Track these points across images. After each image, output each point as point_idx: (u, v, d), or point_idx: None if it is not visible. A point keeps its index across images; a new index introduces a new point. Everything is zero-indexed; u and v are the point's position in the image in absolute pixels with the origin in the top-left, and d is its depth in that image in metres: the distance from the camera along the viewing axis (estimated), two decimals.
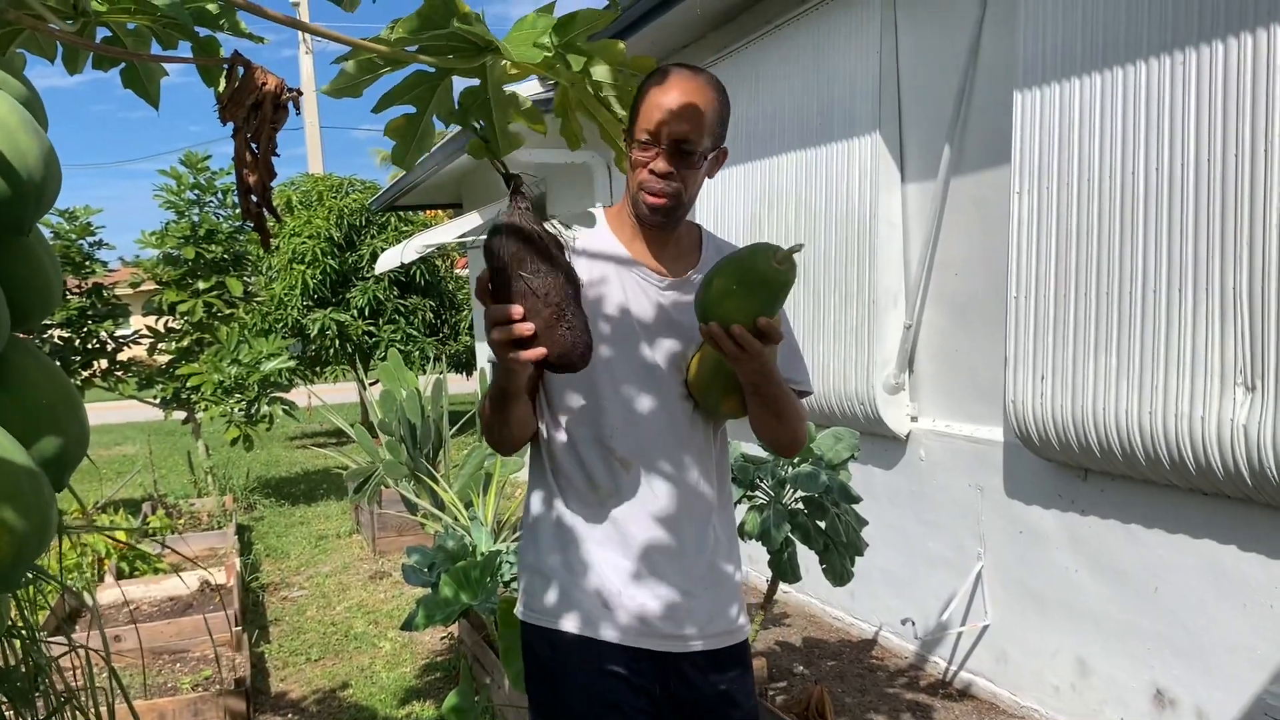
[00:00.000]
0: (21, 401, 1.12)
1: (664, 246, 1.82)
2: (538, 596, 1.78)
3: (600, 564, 1.72)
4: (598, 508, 1.74)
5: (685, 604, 1.75)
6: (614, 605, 1.72)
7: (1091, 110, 3.03)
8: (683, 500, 1.75)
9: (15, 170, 1.04)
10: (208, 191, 8.26)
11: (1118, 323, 2.96)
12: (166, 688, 4.21)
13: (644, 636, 1.73)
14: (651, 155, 1.69)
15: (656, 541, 1.74)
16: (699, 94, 1.70)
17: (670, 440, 1.75)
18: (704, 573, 1.77)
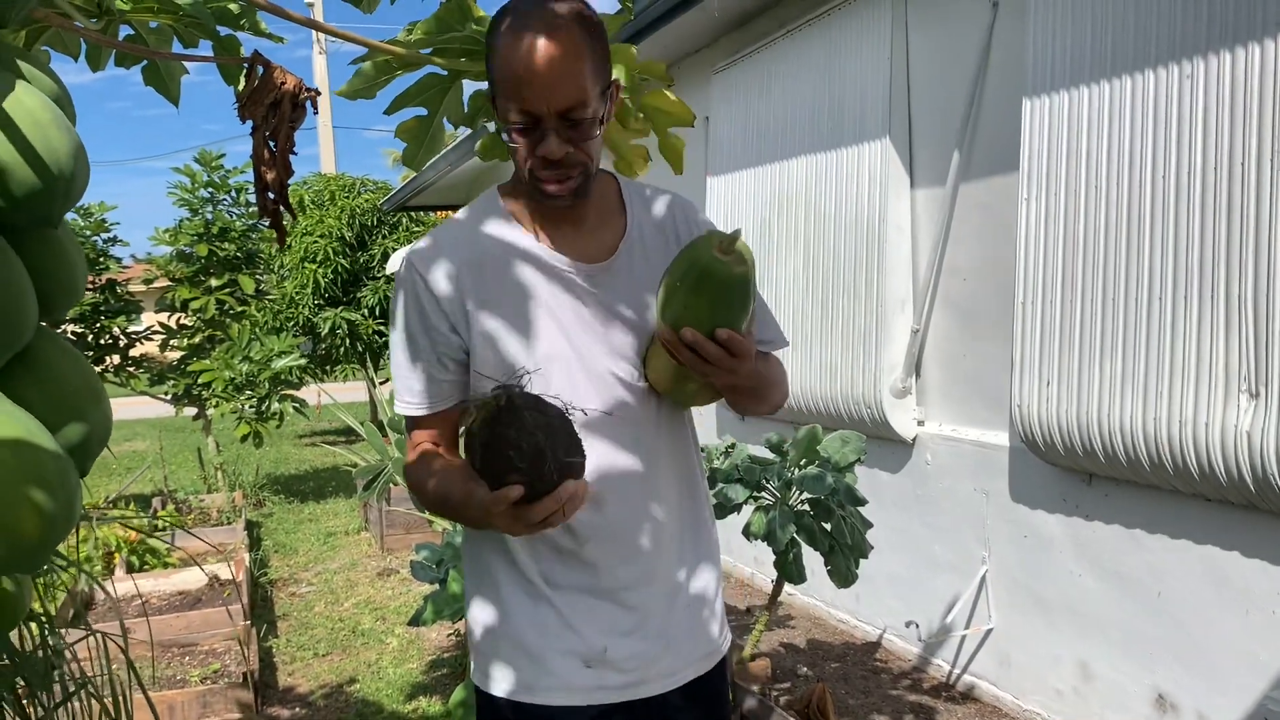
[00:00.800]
0: (48, 389, 1.15)
1: (580, 222, 1.52)
2: (510, 663, 1.52)
3: (582, 618, 1.49)
4: (573, 554, 1.49)
5: (676, 634, 1.55)
6: (595, 662, 1.49)
7: (1100, 118, 3.06)
8: (669, 518, 1.54)
9: (46, 165, 1.08)
10: (221, 189, 8.33)
11: (1123, 329, 2.98)
12: (175, 680, 4.25)
13: (626, 689, 1.52)
14: (535, 139, 1.38)
15: (644, 578, 1.52)
16: (569, 41, 1.34)
17: (644, 456, 1.51)
18: (690, 591, 1.58)
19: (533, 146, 1.38)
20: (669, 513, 1.54)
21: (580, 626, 1.49)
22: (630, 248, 1.53)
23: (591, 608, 1.50)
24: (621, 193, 1.59)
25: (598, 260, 1.51)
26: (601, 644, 1.49)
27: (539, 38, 1.33)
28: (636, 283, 1.52)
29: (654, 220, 1.58)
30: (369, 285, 12.42)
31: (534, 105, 1.34)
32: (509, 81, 1.35)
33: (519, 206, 1.53)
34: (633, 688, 1.52)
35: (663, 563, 1.53)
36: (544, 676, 1.49)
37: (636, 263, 1.53)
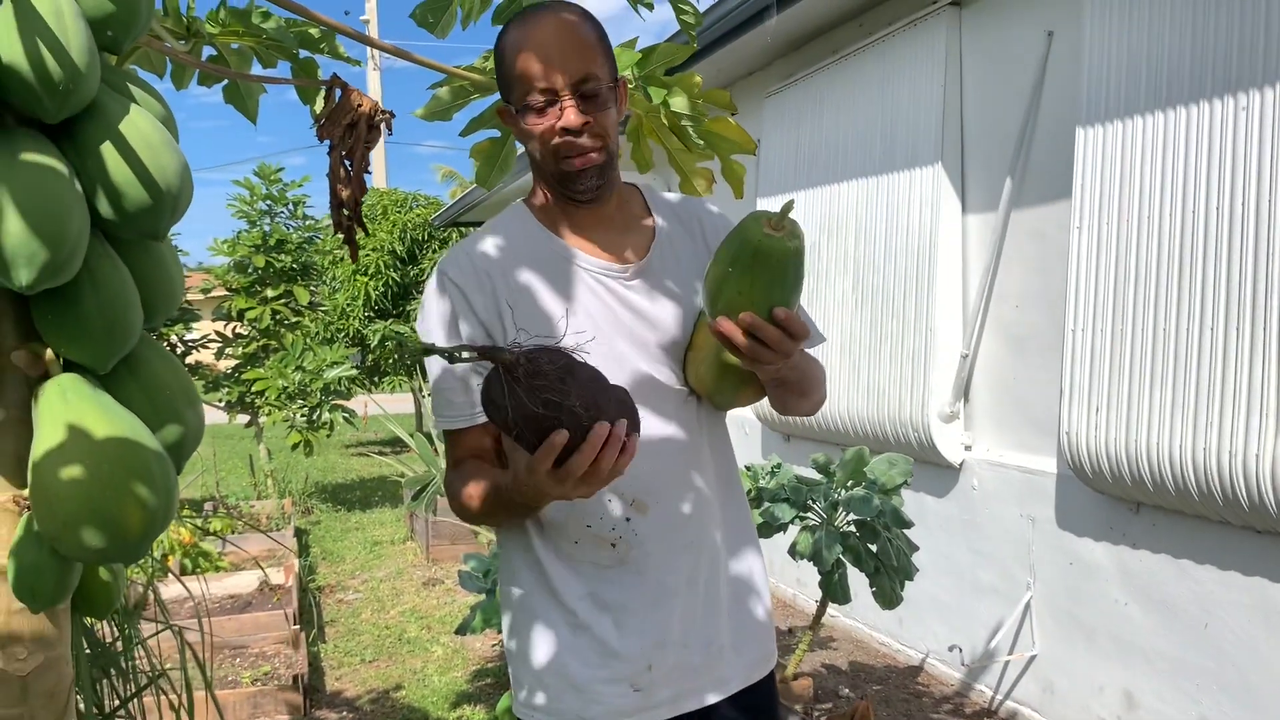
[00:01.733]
0: (150, 392, 1.23)
1: (609, 225, 1.53)
2: (551, 697, 1.48)
3: (622, 638, 1.46)
4: (614, 568, 1.46)
5: (722, 641, 1.53)
6: (643, 683, 1.46)
7: (1154, 148, 3.07)
8: (707, 523, 1.51)
9: (157, 183, 1.16)
10: (279, 202, 8.52)
11: (1174, 359, 2.99)
12: (228, 681, 4.35)
13: (677, 702, 1.50)
14: (555, 114, 1.39)
15: (687, 583, 1.49)
16: (576, 23, 1.41)
17: (687, 461, 1.50)
18: (733, 596, 1.56)
19: (551, 123, 1.39)
20: (712, 518, 1.52)
21: (623, 650, 1.46)
22: (662, 249, 1.54)
23: (634, 625, 1.46)
24: (645, 199, 1.61)
25: (631, 263, 1.51)
26: (646, 662, 1.46)
27: (548, 19, 1.40)
28: (671, 283, 1.52)
29: (680, 222, 1.60)
30: (418, 299, 12.61)
31: (549, 79, 1.37)
32: (523, 63, 1.39)
33: (547, 214, 1.54)
34: (682, 700, 1.50)
35: (706, 567, 1.51)
36: (591, 705, 1.47)
37: (669, 264, 1.54)
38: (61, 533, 1.10)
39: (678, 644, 1.49)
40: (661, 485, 1.47)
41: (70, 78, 1.07)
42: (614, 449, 1.18)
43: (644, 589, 1.47)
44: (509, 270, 1.49)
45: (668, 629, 1.48)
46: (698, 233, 1.61)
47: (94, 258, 1.16)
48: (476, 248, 1.52)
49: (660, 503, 1.47)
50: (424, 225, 12.85)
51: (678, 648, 1.49)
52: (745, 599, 1.58)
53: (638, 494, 1.45)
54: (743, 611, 1.57)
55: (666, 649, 1.48)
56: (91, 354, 1.16)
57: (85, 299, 1.14)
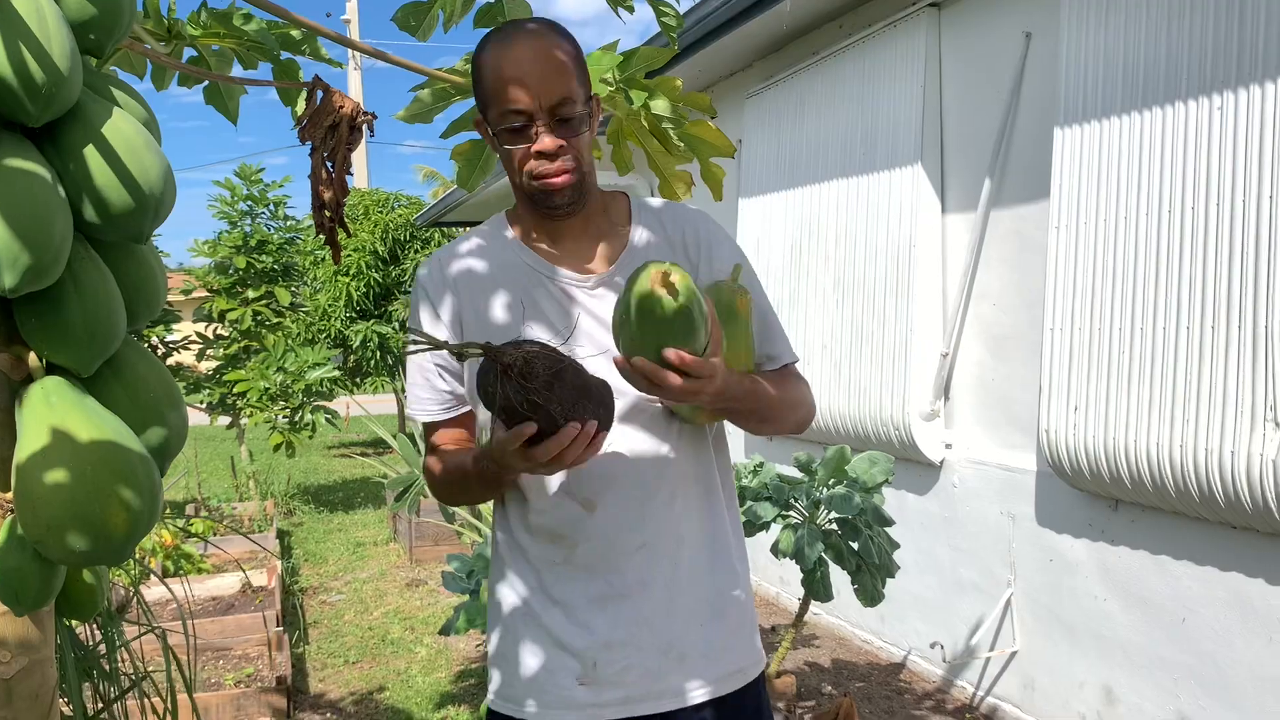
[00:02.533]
0: (134, 394, 1.23)
1: (583, 236, 1.55)
2: (507, 683, 1.53)
3: (567, 632, 1.49)
4: (563, 565, 1.50)
5: (679, 650, 1.51)
6: (589, 679, 1.48)
7: (1131, 148, 3.11)
8: (668, 529, 1.50)
9: (140, 186, 1.16)
10: (260, 203, 8.49)
11: (1151, 357, 3.02)
12: (210, 683, 4.34)
13: (629, 704, 1.49)
14: (530, 137, 1.42)
15: (638, 585, 1.49)
16: (552, 45, 1.43)
17: (640, 464, 1.49)
18: (704, 605, 1.53)
19: (525, 145, 1.42)
20: (676, 524, 1.51)
21: (571, 643, 1.48)
22: (632, 259, 1.53)
23: (584, 620, 1.48)
24: (630, 209, 1.61)
25: (596, 272, 1.53)
26: (592, 659, 1.47)
27: (525, 41, 1.42)
28: None
29: (663, 233, 1.59)
30: (400, 299, 12.57)
31: (525, 102, 1.39)
32: (500, 85, 1.41)
33: (523, 225, 1.58)
34: (633, 703, 1.49)
35: (664, 572, 1.50)
36: (541, 695, 1.49)
37: None
38: (45, 536, 1.10)
39: (628, 645, 1.48)
40: (611, 487, 1.48)
41: (53, 81, 1.07)
42: (580, 445, 1.25)
43: (591, 587, 1.49)
44: (475, 279, 1.55)
45: (615, 629, 1.48)
46: (679, 245, 1.59)
47: (77, 261, 1.16)
48: (448, 257, 1.59)
49: (609, 504, 1.48)
50: (406, 225, 12.83)
51: (629, 649, 1.48)
52: (721, 610, 1.55)
53: (587, 494, 1.48)
54: (716, 622, 1.54)
55: (614, 649, 1.48)
56: (75, 357, 1.17)
57: (69, 302, 1.14)
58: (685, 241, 1.60)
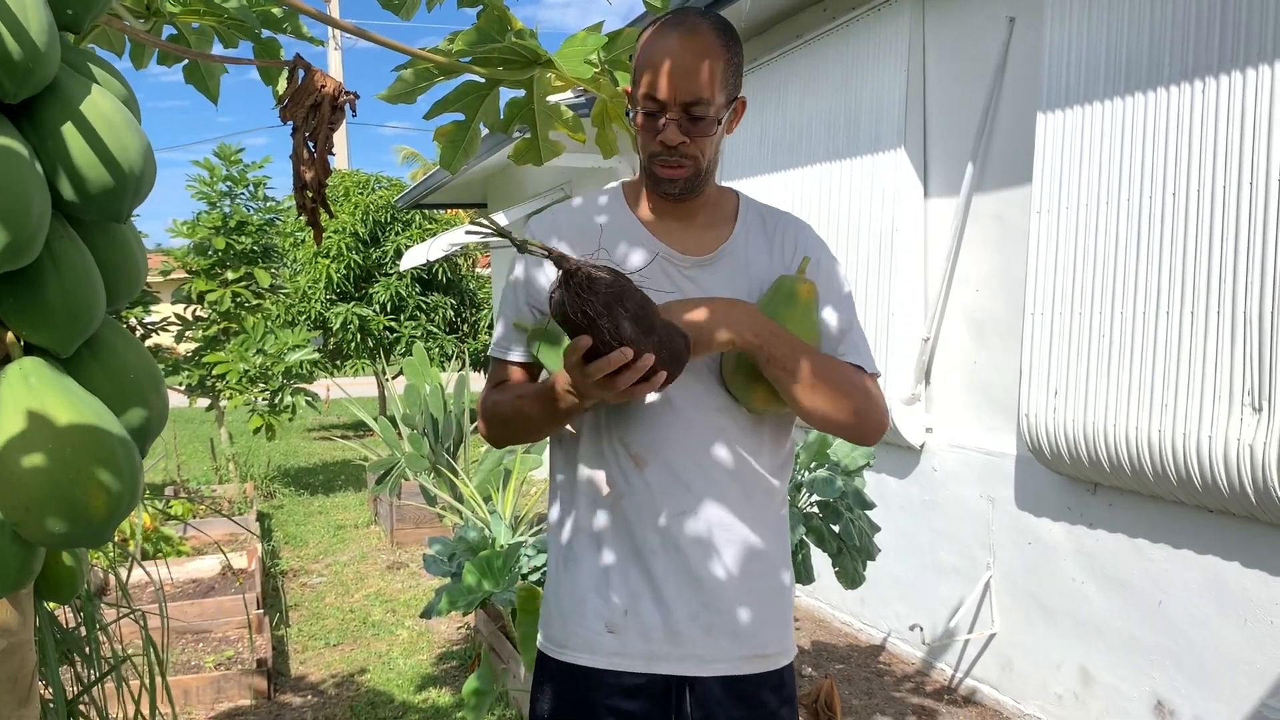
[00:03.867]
0: (114, 375, 1.22)
1: (691, 220, 1.62)
2: (547, 621, 1.63)
3: (604, 580, 1.55)
4: (608, 512, 1.55)
5: (706, 619, 1.54)
6: (618, 627, 1.54)
7: (1113, 134, 3.12)
8: (714, 501, 1.54)
9: (119, 164, 1.14)
10: (240, 184, 8.42)
11: (1131, 342, 3.04)
12: (190, 665, 4.32)
13: (652, 660, 1.54)
14: (659, 124, 1.50)
15: (675, 547, 1.53)
16: (706, 46, 1.48)
17: (697, 435, 1.53)
18: (739, 581, 1.55)
19: (654, 132, 1.50)
20: (722, 498, 1.54)
21: (606, 591, 1.55)
22: (733, 249, 1.61)
23: (622, 571, 1.54)
24: (739, 206, 1.67)
25: (696, 255, 1.60)
26: (623, 608, 1.54)
27: (678, 33, 1.49)
28: (733, 283, 1.58)
29: (763, 231, 1.65)
30: (381, 281, 12.50)
31: (660, 92, 1.47)
32: (643, 69, 1.50)
33: (636, 196, 1.65)
34: (656, 660, 1.54)
35: (699, 541, 1.53)
36: (571, 636, 1.57)
37: (737, 265, 1.60)
38: (24, 518, 1.09)
39: (659, 602, 1.53)
40: (664, 448, 1.53)
41: (30, 58, 1.05)
42: (632, 374, 1.31)
43: (629, 540, 1.54)
44: (581, 232, 1.61)
45: (649, 585, 1.54)
46: (778, 249, 1.64)
47: (55, 240, 1.14)
48: (561, 212, 1.68)
49: (659, 464, 1.53)
50: (387, 207, 12.74)
51: (660, 606, 1.53)
52: (755, 591, 1.58)
53: (639, 449, 1.53)
54: (749, 602, 1.57)
55: (642, 602, 1.53)
56: (54, 337, 1.15)
57: (47, 282, 1.13)
58: (784, 242, 1.65)
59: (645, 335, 1.32)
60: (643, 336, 1.32)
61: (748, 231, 1.64)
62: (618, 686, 1.55)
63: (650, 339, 1.33)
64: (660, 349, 1.35)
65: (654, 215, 1.62)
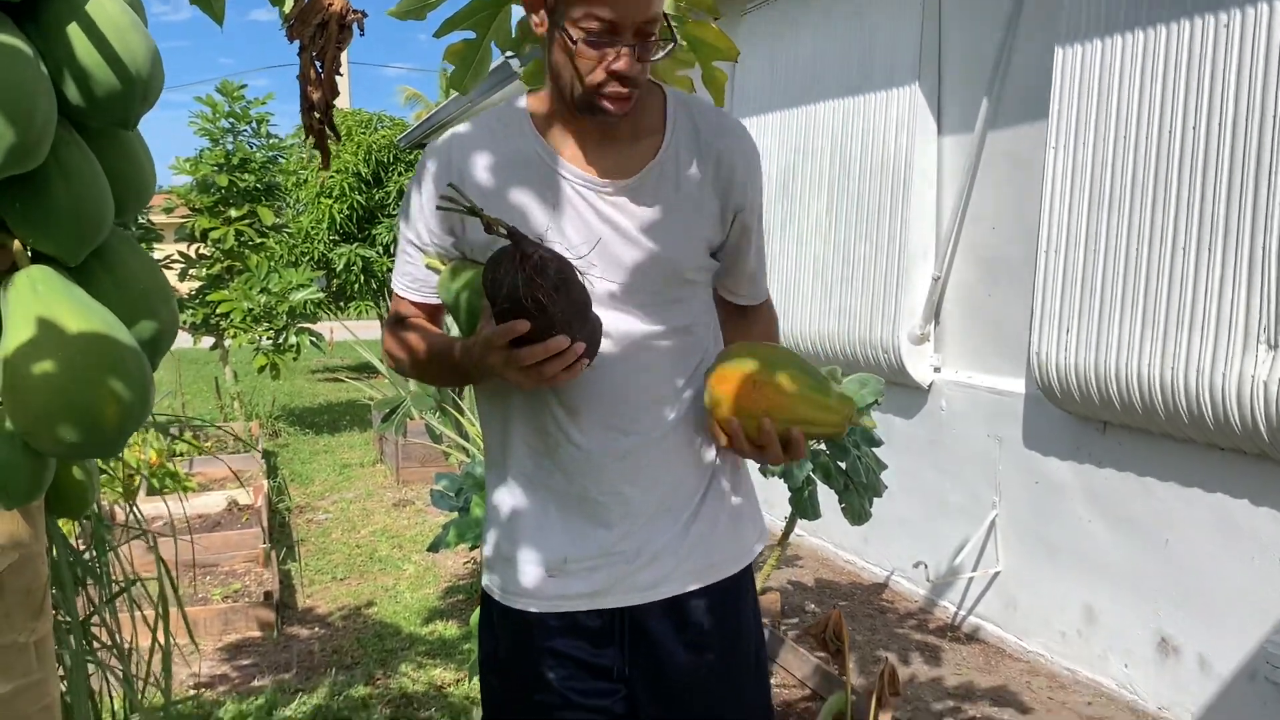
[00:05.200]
0: (123, 287, 1.20)
1: (613, 136, 1.45)
2: (490, 566, 1.56)
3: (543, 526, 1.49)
4: (545, 459, 1.48)
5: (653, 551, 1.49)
6: (558, 570, 1.48)
7: (1132, 68, 3.06)
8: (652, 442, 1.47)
9: (126, 67, 1.12)
10: (242, 120, 8.33)
11: (1145, 279, 3.01)
12: (197, 598, 4.36)
13: (599, 597, 1.49)
14: (610, 54, 1.33)
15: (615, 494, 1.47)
16: None
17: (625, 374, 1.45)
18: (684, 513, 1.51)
19: (602, 60, 1.33)
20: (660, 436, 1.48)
21: (545, 538, 1.49)
22: (661, 170, 1.45)
23: (560, 518, 1.48)
24: (667, 107, 1.49)
25: (617, 179, 1.43)
26: (562, 555, 1.48)
27: None
28: (664, 205, 1.44)
29: (696, 141, 1.48)
30: (384, 223, 12.43)
31: (619, 14, 1.30)
32: None
33: (545, 118, 1.47)
34: (599, 596, 1.49)
35: (643, 484, 1.48)
36: (512, 582, 1.51)
37: (666, 184, 1.45)
38: (34, 428, 1.08)
39: (600, 548, 1.48)
40: (598, 394, 1.45)
41: None
42: (561, 363, 1.26)
43: (570, 489, 1.48)
44: (482, 167, 1.46)
45: (588, 531, 1.48)
46: (712, 162, 1.49)
47: (62, 146, 1.12)
48: (457, 141, 1.49)
49: (594, 411, 1.45)
50: (389, 147, 12.63)
51: (600, 552, 1.48)
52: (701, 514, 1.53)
53: (573, 398, 1.45)
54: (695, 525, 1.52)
55: (585, 548, 1.48)
56: (61, 245, 1.13)
57: (54, 187, 1.11)
58: (720, 162, 1.49)
59: (581, 325, 1.28)
60: (579, 326, 1.28)
61: (677, 142, 1.46)
62: (561, 629, 1.50)
63: (585, 329, 1.29)
64: (589, 336, 1.30)
65: (570, 137, 1.45)
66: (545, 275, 1.22)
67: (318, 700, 3.40)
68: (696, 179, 1.47)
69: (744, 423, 1.39)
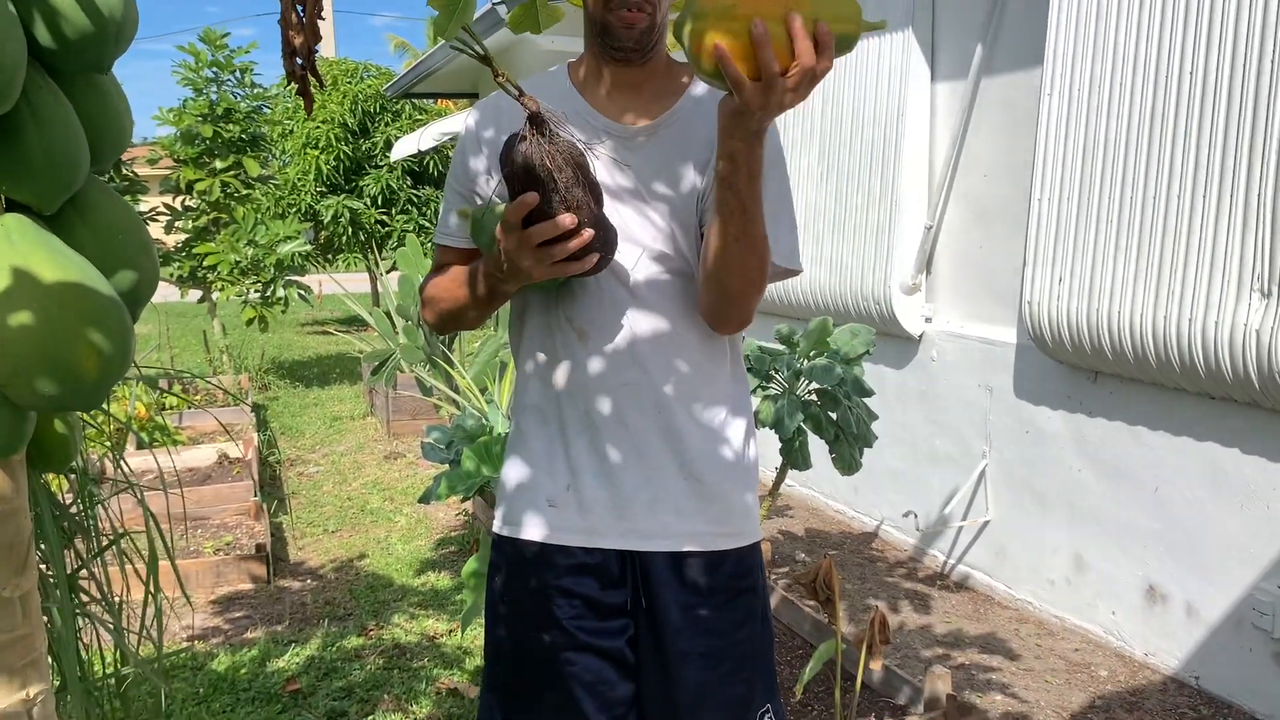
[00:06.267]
0: (102, 236, 1.17)
1: (638, 91, 1.53)
2: (500, 500, 1.61)
3: (549, 455, 1.53)
4: (554, 388, 1.52)
5: (650, 493, 1.50)
6: (559, 501, 1.51)
7: (1129, 12, 3.01)
8: (656, 375, 1.50)
9: (98, 7, 1.08)
10: (226, 69, 8.21)
11: (1139, 227, 2.99)
12: (189, 551, 4.36)
13: (591, 534, 1.51)
14: None
15: (617, 421, 1.50)
16: None
17: (640, 305, 1.49)
18: (685, 458, 1.52)
19: None
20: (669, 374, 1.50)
21: (550, 464, 1.53)
22: (676, 121, 1.51)
23: (566, 442, 1.52)
24: (691, 78, 1.57)
25: (640, 125, 1.51)
26: (566, 482, 1.51)
27: None
28: (680, 149, 1.50)
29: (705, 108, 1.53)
30: (371, 174, 12.32)
31: None
32: None
33: (584, 72, 1.56)
34: (595, 535, 1.50)
35: (645, 416, 1.50)
36: (514, 512, 1.55)
37: (678, 136, 1.51)
38: (12, 380, 1.05)
39: (600, 475, 1.50)
40: (605, 321, 1.49)
41: None
42: (573, 242, 1.28)
43: (573, 414, 1.51)
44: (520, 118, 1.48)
45: (591, 458, 1.51)
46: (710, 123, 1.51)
47: (33, 90, 1.08)
48: (502, 99, 1.53)
49: (601, 337, 1.49)
50: (376, 96, 12.48)
51: (601, 479, 1.50)
52: (703, 469, 1.53)
53: (581, 321, 1.50)
54: (696, 480, 1.52)
55: (585, 477, 1.51)
56: (35, 192, 1.10)
57: (26, 132, 1.07)
58: None
59: (590, 214, 1.29)
60: (589, 215, 1.29)
61: (696, 100, 1.53)
62: (563, 565, 1.51)
63: (595, 221, 1.31)
64: (599, 229, 1.32)
65: (601, 88, 1.53)
66: (556, 145, 1.24)
67: (310, 651, 3.41)
68: (705, 136, 1.50)
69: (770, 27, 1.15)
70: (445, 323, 1.58)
